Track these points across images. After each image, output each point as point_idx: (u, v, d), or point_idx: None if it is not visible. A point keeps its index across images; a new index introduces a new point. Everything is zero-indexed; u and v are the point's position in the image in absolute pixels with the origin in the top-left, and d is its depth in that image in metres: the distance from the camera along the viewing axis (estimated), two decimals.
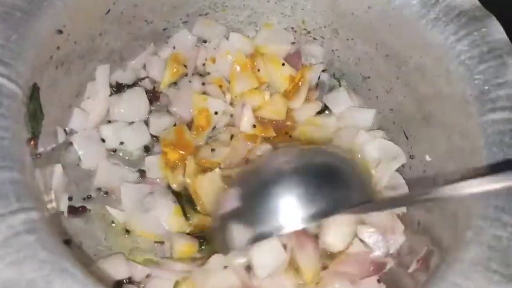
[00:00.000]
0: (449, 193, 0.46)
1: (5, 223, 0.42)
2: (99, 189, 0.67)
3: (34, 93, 0.54)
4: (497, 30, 0.57)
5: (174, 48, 0.75)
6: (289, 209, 0.56)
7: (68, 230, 0.58)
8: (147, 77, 0.74)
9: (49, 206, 0.54)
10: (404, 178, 0.67)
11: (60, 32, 0.58)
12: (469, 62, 0.57)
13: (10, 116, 0.48)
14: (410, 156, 0.68)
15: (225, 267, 0.59)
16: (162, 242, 0.64)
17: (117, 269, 0.58)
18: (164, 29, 0.74)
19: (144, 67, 0.75)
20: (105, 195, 0.66)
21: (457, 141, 0.58)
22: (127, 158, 0.69)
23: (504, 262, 0.45)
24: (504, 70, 0.55)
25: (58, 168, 0.60)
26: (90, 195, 0.66)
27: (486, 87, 0.55)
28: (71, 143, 0.65)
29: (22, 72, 0.51)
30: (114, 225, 0.65)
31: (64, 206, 0.60)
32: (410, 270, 0.55)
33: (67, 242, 0.55)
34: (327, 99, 0.76)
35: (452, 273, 0.45)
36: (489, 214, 0.48)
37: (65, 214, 0.60)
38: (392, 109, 0.71)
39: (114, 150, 0.69)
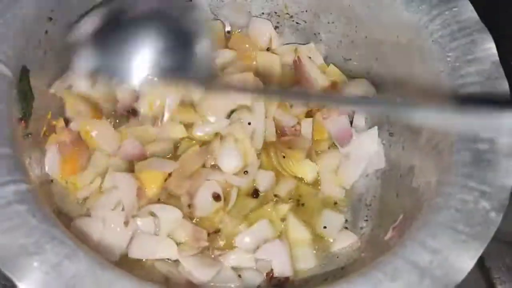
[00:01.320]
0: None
1: None
2: None
3: (23, 75, 0.56)
4: (467, 9, 0.60)
5: None
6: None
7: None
8: None
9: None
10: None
11: (50, 19, 0.60)
12: (441, 40, 0.59)
13: (0, 96, 0.51)
14: (389, 133, 0.70)
15: None
16: None
17: None
18: None
19: None
20: None
21: None
22: None
23: (469, 223, 0.47)
24: (473, 47, 0.58)
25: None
26: None
27: (457, 64, 0.58)
28: None
29: (11, 55, 0.53)
30: None
31: None
32: (386, 238, 0.58)
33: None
34: None
35: (421, 234, 0.48)
36: (457, 181, 0.51)
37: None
38: None
39: None
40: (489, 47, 0.58)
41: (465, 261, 0.45)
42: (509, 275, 0.69)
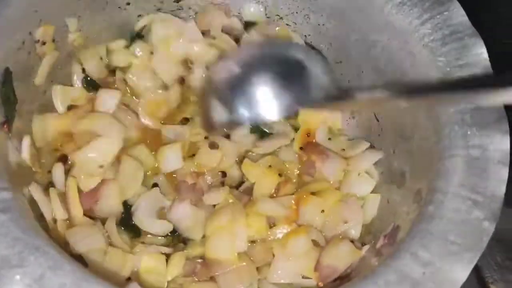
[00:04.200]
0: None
1: None
2: None
3: (6, 77, 0.55)
4: (458, 13, 0.59)
5: None
6: (265, 100, 0.52)
7: None
8: None
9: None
10: None
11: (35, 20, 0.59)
12: (432, 44, 0.59)
13: None
14: (380, 136, 0.70)
15: None
16: None
17: None
18: (139, 16, 0.75)
19: None
20: None
21: (422, 120, 0.60)
22: None
23: (461, 233, 0.47)
24: (465, 51, 0.57)
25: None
26: None
27: (448, 69, 0.57)
28: None
29: None
30: None
31: None
32: (377, 246, 0.57)
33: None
34: None
35: (413, 245, 0.47)
36: (450, 189, 0.50)
37: None
38: None
39: None
40: (481, 52, 0.57)
41: (459, 273, 0.45)
42: (501, 273, 0.70)
